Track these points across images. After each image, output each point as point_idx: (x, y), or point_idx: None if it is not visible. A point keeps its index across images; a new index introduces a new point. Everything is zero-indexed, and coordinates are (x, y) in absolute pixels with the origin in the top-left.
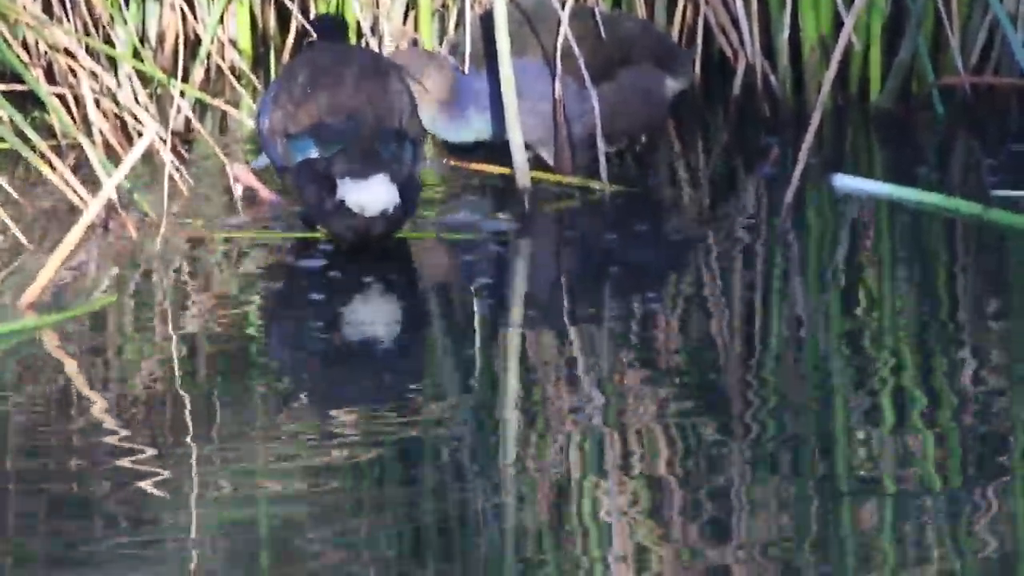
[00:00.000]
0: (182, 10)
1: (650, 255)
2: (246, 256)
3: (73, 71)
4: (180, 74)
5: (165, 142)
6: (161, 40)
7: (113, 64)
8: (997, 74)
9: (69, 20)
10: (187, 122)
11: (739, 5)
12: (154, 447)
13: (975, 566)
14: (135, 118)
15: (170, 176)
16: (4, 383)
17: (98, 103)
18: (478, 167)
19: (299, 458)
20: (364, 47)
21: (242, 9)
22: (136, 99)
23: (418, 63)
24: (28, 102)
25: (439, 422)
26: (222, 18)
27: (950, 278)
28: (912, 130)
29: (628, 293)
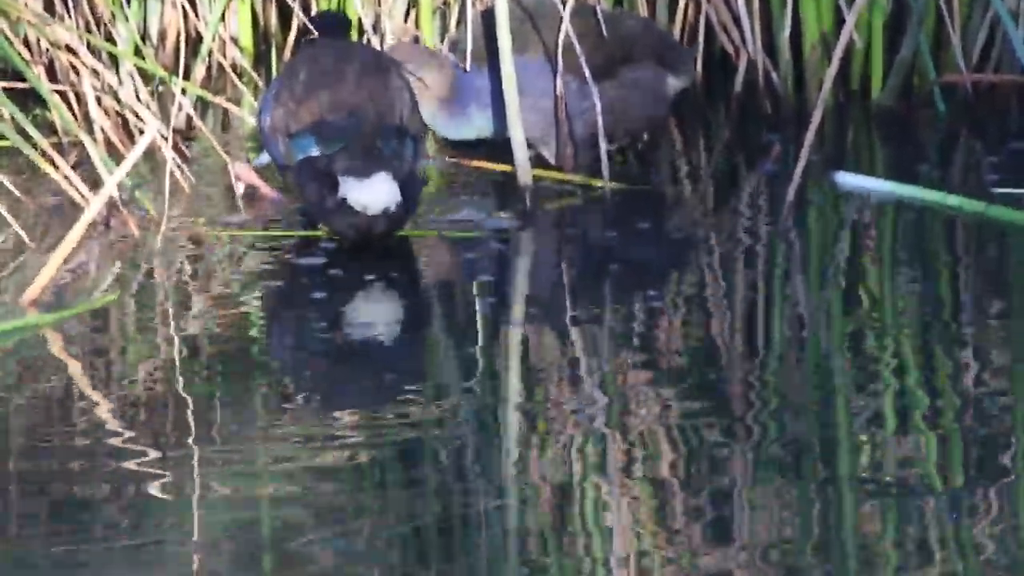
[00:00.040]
0: (183, 7)
1: (652, 253)
2: (248, 254)
3: (75, 68)
4: (181, 71)
5: (166, 140)
6: (163, 37)
7: (115, 61)
8: (998, 72)
9: (71, 17)
10: (188, 120)
11: (740, 3)
12: (155, 446)
13: (979, 569)
14: (136, 116)
15: (171, 174)
16: (5, 381)
17: (99, 101)
18: (479, 164)
19: (301, 459)
20: (364, 44)
21: (243, 6)
22: (138, 97)
23: (419, 59)
24: (29, 100)
25: (441, 422)
26: (223, 15)
27: (951, 276)
28: (913, 128)
29: (630, 291)
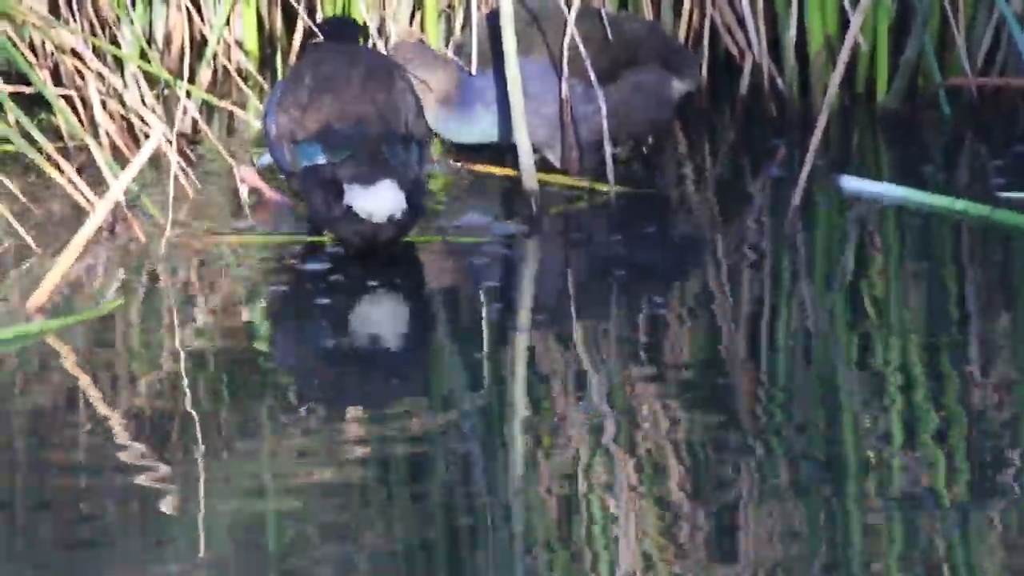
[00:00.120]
0: (188, 11)
1: (657, 258)
2: (253, 259)
3: (80, 72)
4: (187, 75)
5: (172, 144)
6: (168, 41)
7: (120, 65)
8: (1003, 74)
9: (75, 21)
10: (194, 124)
11: (745, 5)
12: (160, 453)
13: None
14: (142, 120)
15: (176, 178)
16: (10, 387)
17: (105, 105)
18: (484, 169)
19: (307, 472)
20: (369, 47)
21: (248, 10)
22: (143, 101)
23: (423, 60)
24: (35, 104)
25: (447, 433)
26: (228, 19)
27: (957, 280)
28: (919, 131)
29: (635, 297)
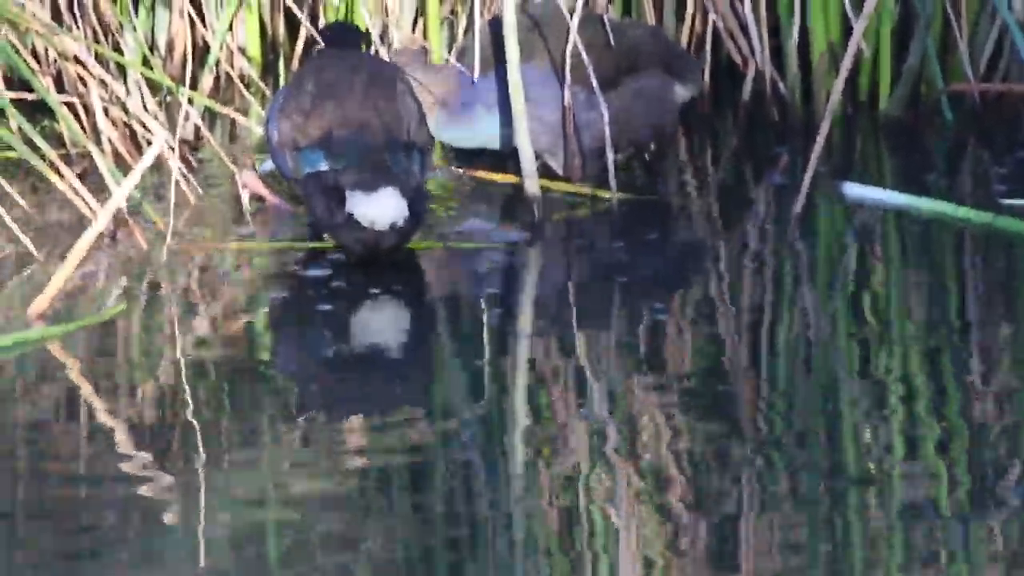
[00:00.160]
0: (191, 17)
1: (659, 265)
2: (255, 265)
3: (82, 79)
4: (189, 82)
5: (174, 150)
6: (170, 48)
7: (122, 72)
8: (1006, 80)
9: (78, 27)
10: (196, 130)
11: (748, 12)
12: (162, 461)
13: None
14: (144, 126)
15: (178, 185)
16: (13, 393)
17: (107, 111)
18: (486, 175)
19: (307, 481)
20: (371, 54)
21: (251, 16)
22: (145, 107)
23: (424, 67)
24: (37, 111)
25: (448, 441)
26: (231, 25)
27: (959, 287)
28: (921, 137)
29: (638, 303)
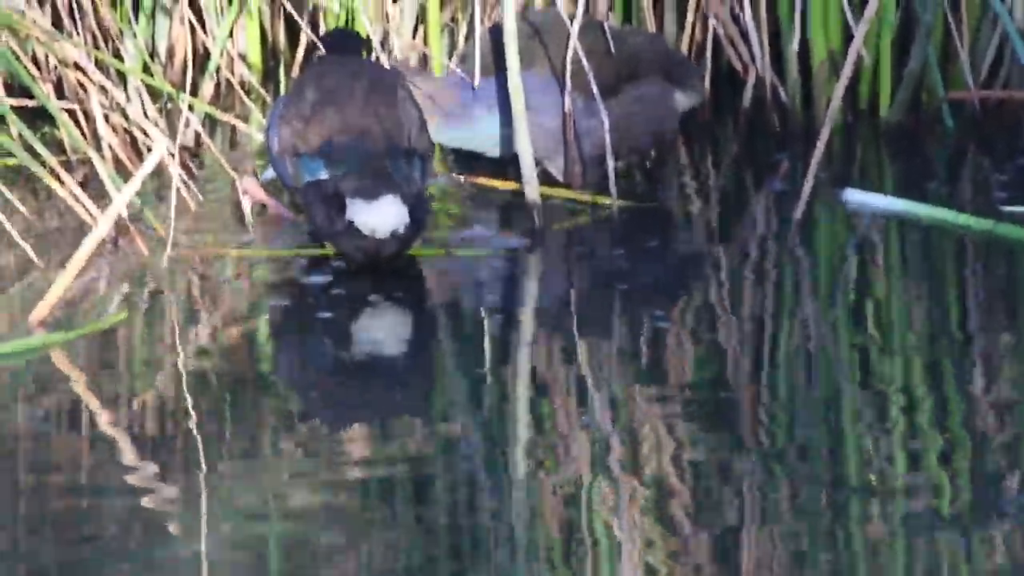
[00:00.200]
0: (191, 24)
1: (660, 271)
2: (256, 272)
3: (83, 86)
4: (189, 88)
5: (174, 157)
6: (170, 54)
7: (122, 79)
8: (1006, 87)
9: (78, 34)
10: (196, 137)
11: (748, 19)
12: (163, 469)
13: None
14: (144, 133)
15: (179, 191)
16: (14, 401)
17: (107, 118)
18: (487, 182)
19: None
20: (371, 60)
21: (251, 23)
22: (145, 114)
23: (424, 74)
24: (38, 117)
25: (449, 449)
26: (231, 32)
27: (960, 294)
28: (922, 144)
29: (638, 310)
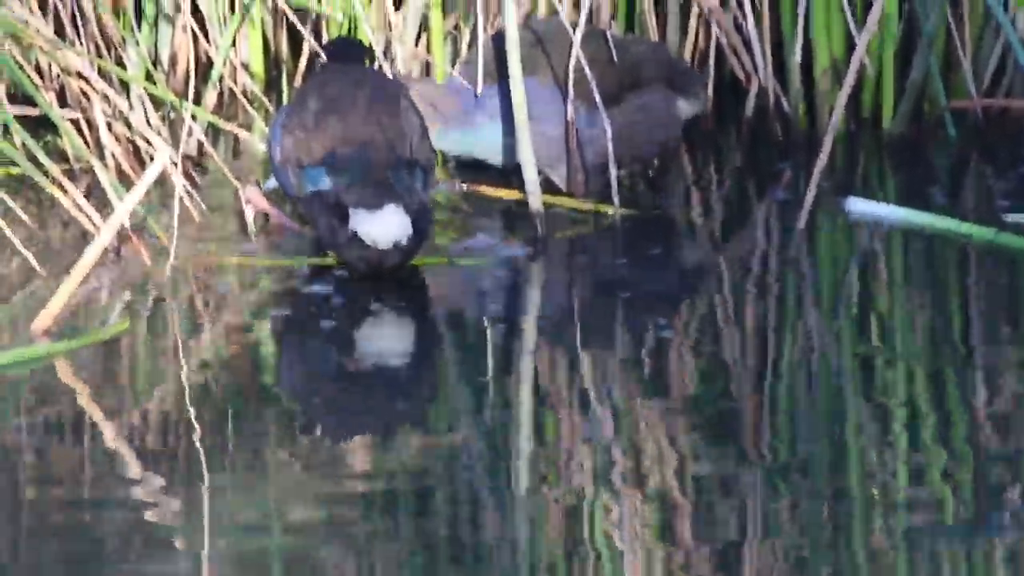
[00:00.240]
0: (194, 33)
1: (662, 280)
2: (259, 282)
3: (85, 94)
4: (192, 97)
5: (177, 166)
6: (173, 63)
7: (125, 87)
8: (1009, 96)
9: (81, 43)
10: (199, 146)
11: (751, 28)
12: (166, 477)
13: None
14: (147, 142)
15: (182, 200)
16: (16, 411)
17: (110, 127)
18: (489, 191)
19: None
20: (374, 69)
21: (254, 32)
22: (148, 122)
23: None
24: (40, 126)
25: (452, 458)
26: (234, 41)
27: (962, 304)
28: (924, 153)
29: (641, 319)
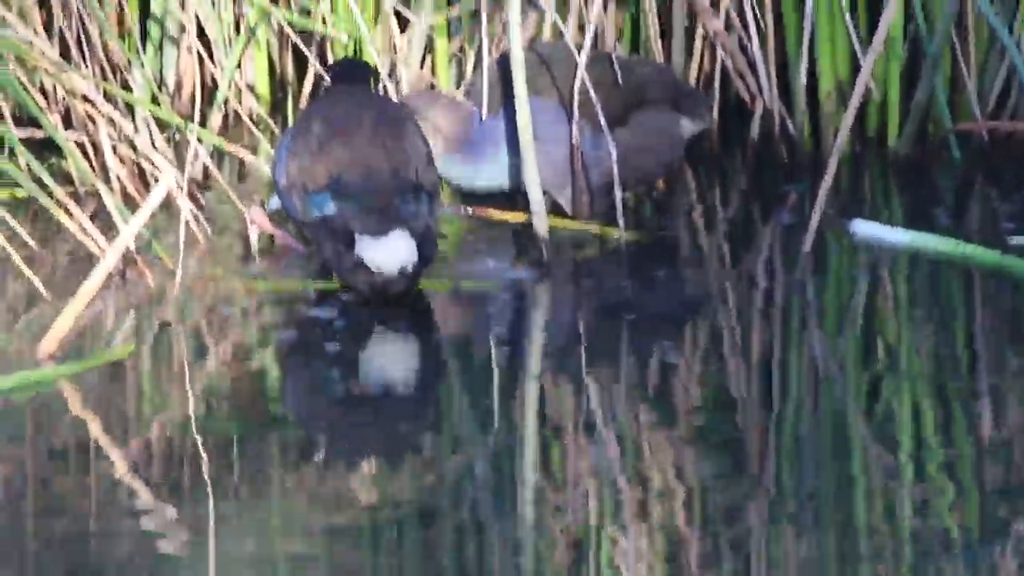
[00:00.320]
0: (199, 55)
1: (668, 302)
2: (264, 304)
3: (91, 117)
4: (197, 120)
5: (182, 189)
6: (179, 86)
7: (130, 110)
8: (1014, 119)
9: (86, 65)
10: (205, 168)
11: (756, 50)
12: (171, 501)
13: None
14: (152, 164)
15: (187, 223)
16: (21, 435)
17: (115, 149)
18: (495, 214)
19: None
20: (379, 93)
21: (260, 54)
22: (154, 145)
23: (433, 105)
24: (46, 148)
25: (457, 481)
26: (239, 63)
27: (967, 327)
28: (929, 175)
29: (646, 341)
